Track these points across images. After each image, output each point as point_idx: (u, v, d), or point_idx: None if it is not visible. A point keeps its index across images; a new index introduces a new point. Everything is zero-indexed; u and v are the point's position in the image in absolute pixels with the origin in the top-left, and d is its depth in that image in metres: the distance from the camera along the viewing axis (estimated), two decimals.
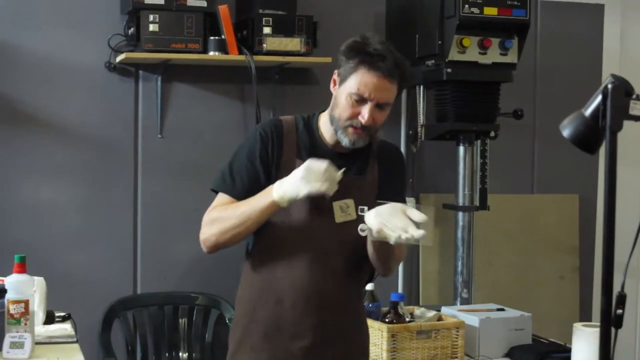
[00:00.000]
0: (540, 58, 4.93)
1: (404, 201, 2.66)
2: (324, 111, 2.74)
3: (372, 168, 2.72)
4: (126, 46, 4.19)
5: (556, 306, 4.89)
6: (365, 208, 2.50)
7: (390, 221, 2.40)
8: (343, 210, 2.65)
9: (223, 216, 2.63)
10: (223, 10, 4.13)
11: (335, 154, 2.64)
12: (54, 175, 4.19)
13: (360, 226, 2.47)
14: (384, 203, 2.48)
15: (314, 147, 2.67)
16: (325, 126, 2.69)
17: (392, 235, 2.39)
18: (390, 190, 2.70)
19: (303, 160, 2.53)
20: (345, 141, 2.60)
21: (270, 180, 2.59)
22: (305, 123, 2.72)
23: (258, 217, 2.56)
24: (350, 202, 2.65)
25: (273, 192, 2.51)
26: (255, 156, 2.64)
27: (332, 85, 2.68)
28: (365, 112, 2.56)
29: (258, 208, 2.55)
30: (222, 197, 2.69)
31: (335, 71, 2.65)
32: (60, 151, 4.19)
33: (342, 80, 2.60)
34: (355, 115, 2.57)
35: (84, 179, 4.23)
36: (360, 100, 2.56)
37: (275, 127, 2.68)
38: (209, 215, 2.69)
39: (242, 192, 2.63)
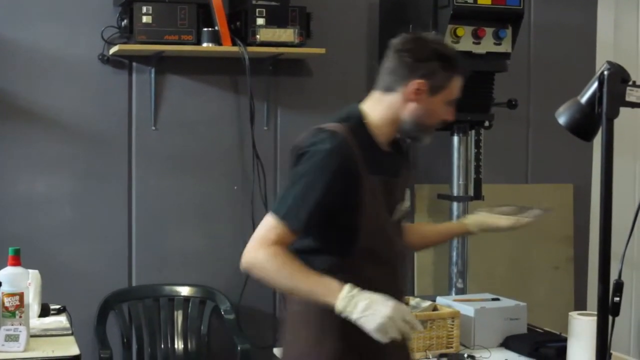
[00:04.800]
0: (534, 47, 4.93)
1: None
2: (357, 110, 2.64)
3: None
4: (119, 38, 4.18)
5: (551, 296, 4.89)
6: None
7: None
8: (399, 211, 2.70)
9: (282, 271, 2.41)
10: (216, 1, 4.12)
11: (390, 155, 2.63)
12: (48, 168, 4.19)
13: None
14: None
15: (374, 157, 2.56)
16: (380, 129, 2.59)
17: (507, 223, 3.00)
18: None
19: (373, 175, 2.52)
20: (426, 141, 2.65)
21: (350, 209, 2.50)
22: (356, 130, 2.56)
23: (307, 298, 2.44)
24: (408, 200, 2.76)
25: (337, 301, 2.33)
26: (332, 192, 2.47)
27: (410, 94, 2.53)
28: (453, 110, 2.65)
29: (313, 295, 2.41)
30: (282, 229, 2.44)
31: (422, 81, 2.52)
32: (54, 144, 4.19)
33: (439, 88, 2.55)
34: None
35: (78, 172, 4.23)
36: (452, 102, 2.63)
37: (350, 156, 2.50)
38: (274, 251, 2.41)
39: (303, 231, 2.47)
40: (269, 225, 2.45)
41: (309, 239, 2.55)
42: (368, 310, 2.30)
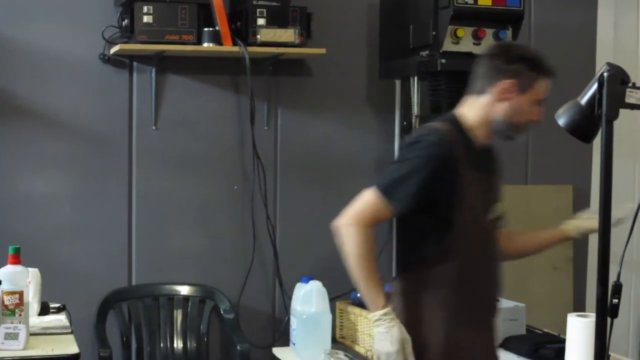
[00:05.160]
0: (534, 48, 4.90)
1: None
2: (453, 115, 2.85)
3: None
4: (120, 38, 4.18)
5: (550, 297, 4.89)
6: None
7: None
8: (494, 210, 2.89)
9: (358, 260, 2.69)
10: (217, 1, 4.12)
11: (485, 156, 2.88)
12: (49, 167, 4.20)
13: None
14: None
15: (472, 154, 2.77)
16: (476, 130, 2.81)
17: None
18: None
19: (472, 171, 2.71)
20: (520, 138, 2.86)
21: (448, 201, 2.69)
22: (455, 129, 2.78)
23: (360, 291, 2.77)
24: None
25: (372, 313, 2.71)
26: (433, 180, 2.67)
27: (500, 94, 2.76)
28: (542, 111, 2.81)
29: (364, 295, 2.74)
30: (381, 204, 2.69)
31: (511, 81, 2.75)
32: (55, 143, 4.20)
33: (526, 88, 2.76)
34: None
35: (78, 171, 4.24)
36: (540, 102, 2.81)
37: (451, 149, 2.72)
38: (364, 238, 2.68)
39: (401, 211, 2.72)
40: (369, 200, 2.69)
41: (408, 231, 2.80)
42: (380, 336, 2.69)
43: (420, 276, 2.76)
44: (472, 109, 2.82)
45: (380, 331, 2.68)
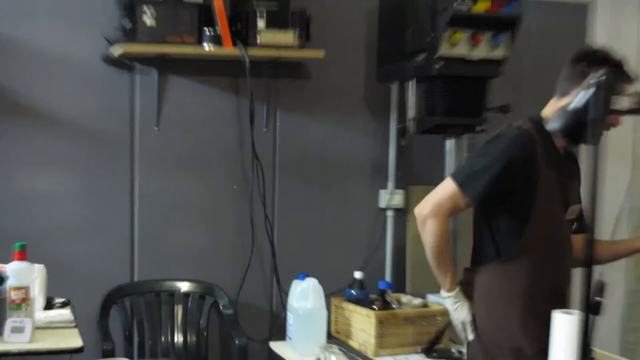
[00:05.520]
0: (529, 54, 4.90)
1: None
2: (538, 115, 2.95)
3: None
4: (122, 39, 4.15)
5: None
6: None
7: None
8: (571, 212, 2.95)
9: (433, 249, 2.92)
10: (218, 3, 4.12)
11: (565, 157, 2.94)
12: (52, 167, 4.21)
13: None
14: None
15: (552, 155, 2.86)
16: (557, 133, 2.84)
17: None
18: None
19: (551, 169, 2.79)
20: (596, 142, 2.90)
21: (525, 196, 2.80)
22: (538, 128, 2.87)
23: (435, 274, 3.00)
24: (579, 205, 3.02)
25: (444, 291, 2.99)
26: (511, 175, 2.79)
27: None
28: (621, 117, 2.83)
29: (437, 277, 2.99)
30: (458, 195, 2.84)
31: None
32: (57, 143, 4.20)
33: None
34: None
35: (81, 171, 4.25)
36: None
37: (532, 145, 2.82)
38: (441, 230, 2.88)
39: (477, 200, 2.85)
40: (447, 191, 2.85)
41: (484, 227, 2.89)
42: (450, 309, 2.99)
43: (495, 271, 2.87)
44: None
45: (449, 306, 2.97)
